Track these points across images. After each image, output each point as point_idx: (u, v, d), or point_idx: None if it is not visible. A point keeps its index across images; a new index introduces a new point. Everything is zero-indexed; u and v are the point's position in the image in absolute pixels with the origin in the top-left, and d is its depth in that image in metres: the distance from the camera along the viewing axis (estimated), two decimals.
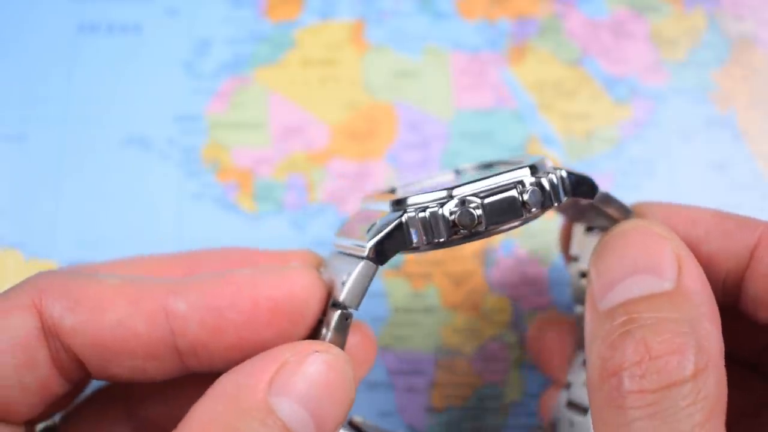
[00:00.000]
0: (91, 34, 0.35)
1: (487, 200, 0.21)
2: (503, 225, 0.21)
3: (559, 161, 0.34)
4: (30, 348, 0.21)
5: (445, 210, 0.20)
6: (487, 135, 0.34)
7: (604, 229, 0.24)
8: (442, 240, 0.21)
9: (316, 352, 0.20)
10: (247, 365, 0.20)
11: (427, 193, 0.21)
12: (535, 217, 0.22)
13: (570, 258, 0.27)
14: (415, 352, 0.32)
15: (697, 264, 0.21)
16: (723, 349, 0.20)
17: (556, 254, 0.33)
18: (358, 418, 0.24)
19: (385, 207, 0.22)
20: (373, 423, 0.25)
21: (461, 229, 0.20)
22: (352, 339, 0.26)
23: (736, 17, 0.35)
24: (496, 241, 0.33)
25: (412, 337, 0.32)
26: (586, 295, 0.21)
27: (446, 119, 0.34)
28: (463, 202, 0.21)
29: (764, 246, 0.22)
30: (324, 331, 0.21)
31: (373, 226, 0.21)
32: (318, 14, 0.35)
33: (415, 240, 0.21)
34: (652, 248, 0.21)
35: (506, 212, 0.21)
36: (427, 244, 0.21)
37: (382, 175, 0.33)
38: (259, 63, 0.35)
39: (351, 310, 0.21)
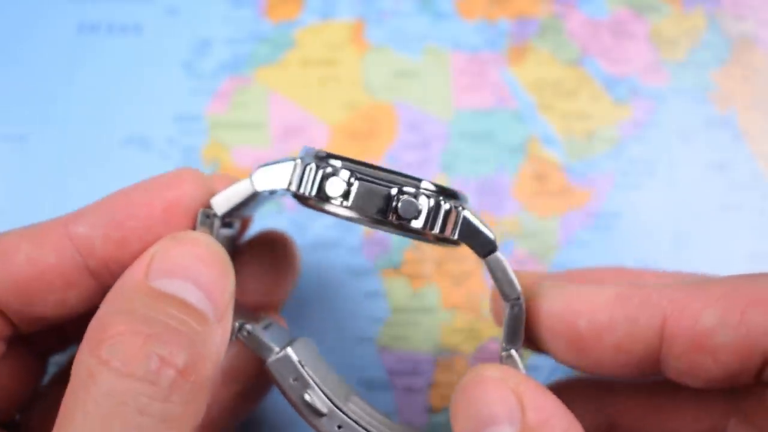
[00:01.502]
0: (91, 34, 0.35)
1: (361, 182, 0.21)
2: (372, 220, 0.21)
3: (559, 161, 0.34)
4: None
5: (326, 171, 0.21)
6: (487, 135, 0.34)
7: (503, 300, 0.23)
8: (306, 194, 0.21)
9: (176, 237, 0.21)
10: (124, 273, 0.21)
11: (332, 157, 0.21)
12: (414, 232, 0.21)
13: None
14: (415, 352, 0.32)
15: (540, 390, 0.20)
16: None
17: (555, 255, 0.33)
18: (307, 339, 0.25)
19: (301, 150, 0.23)
20: (315, 349, 0.25)
21: (326, 194, 0.21)
22: (271, 251, 0.28)
23: (736, 17, 0.35)
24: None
25: (411, 337, 0.32)
26: None
27: (446, 119, 0.34)
28: (334, 173, 0.21)
29: (672, 326, 0.21)
30: None
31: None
32: (318, 14, 0.35)
33: (293, 185, 0.22)
34: (491, 397, 0.20)
35: (374, 204, 0.21)
36: (300, 194, 0.22)
37: None
38: (259, 63, 0.35)
39: (214, 211, 0.23)
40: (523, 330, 0.23)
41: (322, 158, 0.21)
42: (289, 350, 0.22)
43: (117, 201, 0.22)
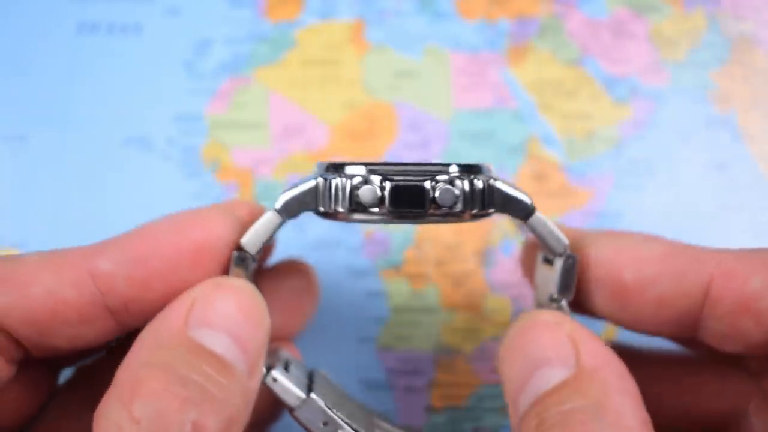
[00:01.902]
0: (91, 34, 0.35)
1: (394, 184, 0.21)
2: (412, 217, 0.21)
3: (559, 161, 0.34)
4: None
5: (354, 183, 0.21)
6: (487, 135, 0.34)
7: (552, 256, 0.23)
8: (341, 210, 0.21)
9: (220, 283, 0.21)
10: (161, 313, 0.20)
11: (352, 165, 0.21)
12: (456, 216, 0.21)
13: (532, 284, 0.27)
14: (415, 352, 0.32)
15: (594, 337, 0.20)
16: (645, 417, 0.19)
17: None
18: (322, 371, 0.25)
19: (317, 168, 0.22)
20: (331, 379, 0.25)
21: (361, 205, 0.21)
22: (293, 279, 0.27)
23: (736, 17, 0.35)
24: (496, 240, 0.33)
25: (411, 337, 0.32)
26: (506, 396, 0.21)
27: (446, 119, 0.34)
28: (366, 180, 0.21)
29: (718, 286, 0.21)
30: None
31: (295, 182, 0.22)
32: (318, 14, 0.35)
33: (322, 204, 0.21)
34: (545, 339, 0.20)
35: (412, 202, 0.21)
36: (333, 212, 0.21)
37: None
38: (259, 63, 0.35)
39: (248, 253, 0.22)
40: (575, 281, 0.23)
41: (340, 168, 0.21)
42: (314, 396, 0.22)
43: (142, 238, 0.22)
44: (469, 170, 0.21)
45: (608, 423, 0.18)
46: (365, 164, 0.21)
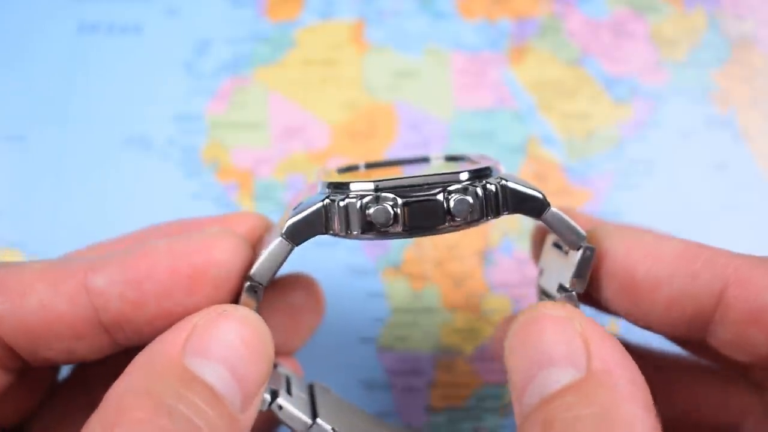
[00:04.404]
0: (91, 34, 0.35)
1: (407, 200, 0.20)
2: (428, 230, 0.20)
3: (559, 161, 0.34)
4: None
5: (364, 203, 0.20)
6: (487, 135, 0.34)
7: (569, 248, 0.23)
8: (355, 233, 0.20)
9: (225, 312, 0.20)
10: (160, 337, 0.20)
11: (357, 183, 0.20)
12: (471, 224, 0.21)
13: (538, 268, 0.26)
14: (415, 352, 0.32)
15: (607, 336, 0.19)
16: (656, 425, 0.18)
17: None
18: (320, 384, 0.24)
19: (319, 187, 0.21)
20: (331, 391, 0.25)
21: (375, 225, 0.20)
22: (298, 295, 0.26)
23: (736, 17, 0.35)
24: (496, 241, 0.33)
25: (411, 337, 0.32)
26: (510, 390, 0.20)
27: (446, 119, 0.34)
28: (377, 199, 0.20)
29: (732, 293, 0.21)
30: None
31: (300, 204, 0.21)
32: (318, 14, 0.35)
33: (332, 227, 0.20)
34: (556, 336, 0.19)
35: (428, 217, 0.20)
36: (345, 234, 0.20)
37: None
38: (259, 63, 0.35)
39: (259, 283, 0.21)
40: (590, 273, 0.22)
41: (345, 187, 0.20)
42: (320, 421, 0.22)
43: (141, 258, 0.21)
44: (480, 175, 0.21)
45: None
46: (372, 181, 0.20)
